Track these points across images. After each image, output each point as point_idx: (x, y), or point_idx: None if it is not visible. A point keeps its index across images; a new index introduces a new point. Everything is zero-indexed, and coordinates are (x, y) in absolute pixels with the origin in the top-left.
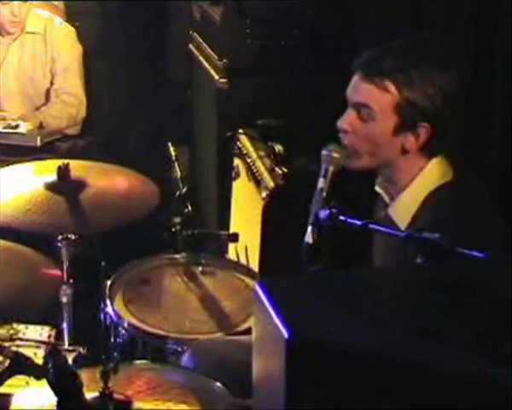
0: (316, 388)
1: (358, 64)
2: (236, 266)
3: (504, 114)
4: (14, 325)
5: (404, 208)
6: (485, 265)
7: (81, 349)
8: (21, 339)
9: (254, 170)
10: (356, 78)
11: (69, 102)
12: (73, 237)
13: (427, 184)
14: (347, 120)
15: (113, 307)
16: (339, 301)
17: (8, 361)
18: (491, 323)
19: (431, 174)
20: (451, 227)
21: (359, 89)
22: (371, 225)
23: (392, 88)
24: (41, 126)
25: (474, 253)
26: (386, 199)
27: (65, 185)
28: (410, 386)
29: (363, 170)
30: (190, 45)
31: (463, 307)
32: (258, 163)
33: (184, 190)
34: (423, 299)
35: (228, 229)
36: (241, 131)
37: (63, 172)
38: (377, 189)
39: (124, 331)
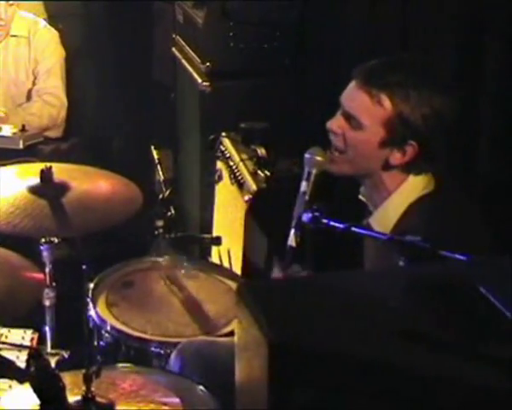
0: (299, 391)
1: (358, 72)
2: (219, 269)
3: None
4: None
5: (385, 218)
6: (467, 267)
7: (64, 353)
8: (4, 343)
9: (237, 173)
10: (352, 84)
11: (50, 103)
12: (56, 240)
13: (408, 194)
14: (337, 124)
15: (96, 310)
16: (322, 304)
17: None
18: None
19: (413, 186)
20: (433, 234)
21: (353, 96)
22: (353, 228)
23: (386, 102)
24: (24, 129)
25: (456, 255)
26: (370, 208)
27: (48, 188)
28: (396, 389)
29: (342, 175)
30: (173, 48)
31: (448, 309)
32: (241, 166)
33: (167, 193)
34: (408, 301)
35: (211, 232)
36: (224, 134)
37: (46, 175)
38: (361, 198)
39: (107, 335)
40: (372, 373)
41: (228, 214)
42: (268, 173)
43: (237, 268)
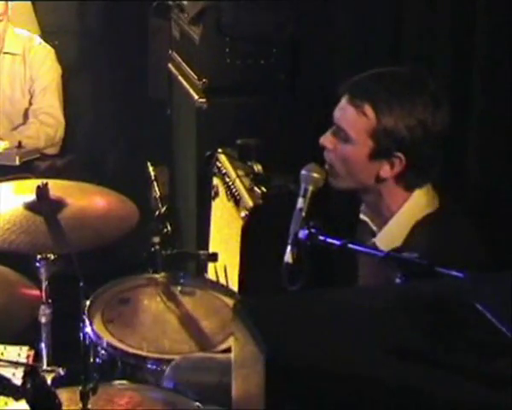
0: (296, 408)
1: (346, 86)
2: (216, 285)
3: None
4: None
5: (390, 239)
6: (464, 284)
7: (60, 370)
8: (0, 360)
9: (233, 189)
10: (343, 99)
11: (47, 123)
12: (52, 256)
13: (413, 213)
14: (329, 139)
15: (93, 327)
16: (319, 321)
17: None
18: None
19: (416, 204)
20: (436, 252)
21: (342, 111)
22: (350, 245)
23: (370, 113)
24: (20, 145)
25: (453, 272)
26: (374, 228)
27: (44, 205)
28: (391, 407)
29: (342, 190)
30: (169, 65)
31: (444, 327)
32: (238, 183)
33: (163, 209)
34: (403, 318)
35: (207, 248)
36: (220, 150)
37: (42, 191)
38: (362, 217)
39: (103, 352)
40: (368, 390)
41: (224, 231)
42: (264, 190)
43: (234, 285)
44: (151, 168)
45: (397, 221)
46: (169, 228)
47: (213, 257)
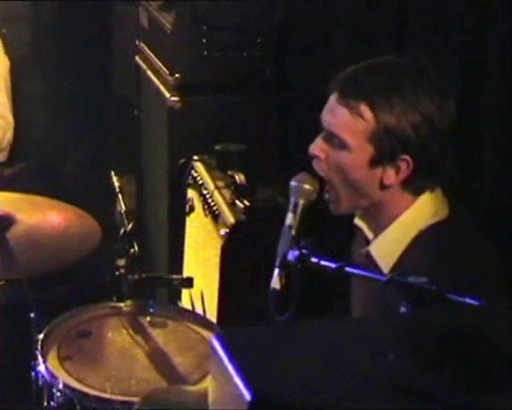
0: None
1: (335, 83)
2: (191, 315)
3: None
4: None
5: (387, 247)
6: (478, 313)
7: None
8: None
9: (212, 203)
10: (331, 99)
11: None
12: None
13: (416, 221)
14: (319, 146)
15: (46, 365)
16: (309, 356)
17: None
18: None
19: (422, 210)
20: (442, 272)
21: (333, 113)
22: (348, 268)
23: (367, 113)
24: None
25: (468, 299)
26: (368, 235)
27: None
28: None
29: (344, 214)
30: (137, 57)
31: (451, 363)
32: (217, 195)
33: (130, 226)
34: (407, 353)
35: (181, 272)
36: (196, 157)
37: None
38: (357, 222)
39: (59, 393)
40: None
41: (201, 251)
42: (247, 204)
43: (212, 314)
44: (115, 178)
45: (396, 228)
46: (136, 248)
47: (188, 282)
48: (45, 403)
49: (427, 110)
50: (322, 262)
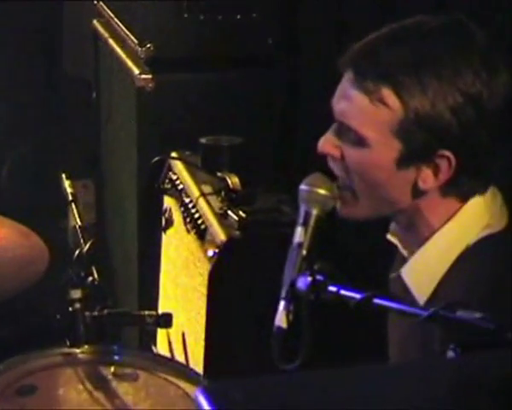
0: None
1: (348, 59)
2: (169, 364)
3: None
4: None
5: (424, 270)
6: None
7: None
8: None
9: (196, 215)
10: (344, 80)
11: None
12: None
13: (463, 234)
14: (330, 142)
15: None
16: None
17: None
18: None
19: (470, 220)
20: (501, 303)
21: (346, 99)
22: (377, 300)
23: (391, 98)
24: None
25: None
26: (404, 253)
27: None
28: None
29: (360, 219)
30: (95, 22)
31: None
32: (202, 204)
33: (87, 247)
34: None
35: (156, 307)
36: (174, 154)
37: None
38: (390, 237)
39: None
40: None
41: (182, 279)
42: (243, 215)
43: (197, 363)
44: (67, 183)
45: (436, 244)
46: (96, 276)
47: (165, 320)
48: None
49: (471, 88)
50: (343, 292)
